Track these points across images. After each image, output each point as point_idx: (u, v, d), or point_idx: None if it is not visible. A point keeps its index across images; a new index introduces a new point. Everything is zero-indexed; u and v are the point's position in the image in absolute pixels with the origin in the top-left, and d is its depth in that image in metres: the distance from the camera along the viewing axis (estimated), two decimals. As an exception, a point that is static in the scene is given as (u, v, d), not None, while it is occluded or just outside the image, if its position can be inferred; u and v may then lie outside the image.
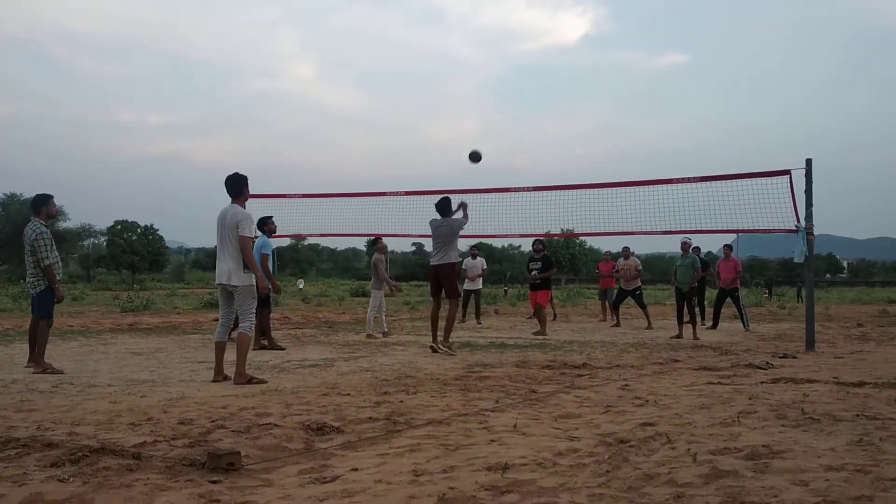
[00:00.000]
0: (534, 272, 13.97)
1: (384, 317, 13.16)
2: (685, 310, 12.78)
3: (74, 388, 6.49)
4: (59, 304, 8.15)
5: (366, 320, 12.88)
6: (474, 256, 17.04)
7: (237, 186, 7.17)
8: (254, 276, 7.03)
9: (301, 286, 34.46)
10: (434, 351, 9.55)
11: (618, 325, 15.77)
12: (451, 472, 3.65)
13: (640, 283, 15.97)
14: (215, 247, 7.22)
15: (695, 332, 12.63)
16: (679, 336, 12.60)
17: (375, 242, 13.45)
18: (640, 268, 15.92)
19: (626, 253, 15.98)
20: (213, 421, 4.89)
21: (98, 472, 3.61)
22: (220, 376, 7.00)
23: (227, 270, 6.97)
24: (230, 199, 7.16)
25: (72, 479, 3.50)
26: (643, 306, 15.70)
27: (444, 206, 10.08)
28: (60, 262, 8.07)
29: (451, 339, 9.87)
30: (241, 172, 7.24)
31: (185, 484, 3.47)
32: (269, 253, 10.22)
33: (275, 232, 10.85)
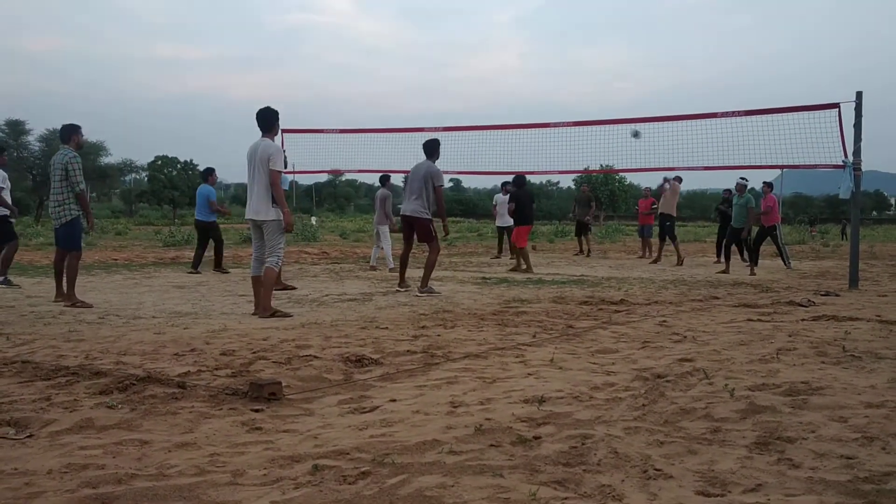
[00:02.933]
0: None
1: (377, 252, 13.65)
2: (737, 247, 13.02)
3: (120, 319, 6.65)
4: (91, 231, 8.05)
5: (386, 256, 13.13)
6: (506, 192, 16.91)
7: (269, 120, 7.17)
8: (280, 210, 7.07)
9: (314, 222, 34.35)
10: (399, 291, 9.32)
11: (658, 261, 15.67)
12: (488, 404, 3.69)
13: (673, 213, 15.84)
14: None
15: (752, 269, 12.82)
16: (725, 271, 12.88)
17: (386, 179, 13.74)
18: (678, 190, 15.93)
19: (676, 179, 15.99)
20: (254, 352, 4.99)
21: (145, 400, 3.72)
22: (259, 309, 7.11)
23: (257, 205, 7.02)
24: (261, 134, 7.19)
25: (120, 405, 3.62)
26: (672, 238, 15.51)
27: (430, 148, 9.47)
28: (92, 193, 7.95)
29: (430, 281, 9.44)
30: (272, 107, 7.22)
31: (228, 412, 3.56)
32: (285, 188, 10.34)
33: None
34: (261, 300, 6.99)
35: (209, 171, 12.90)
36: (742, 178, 13.36)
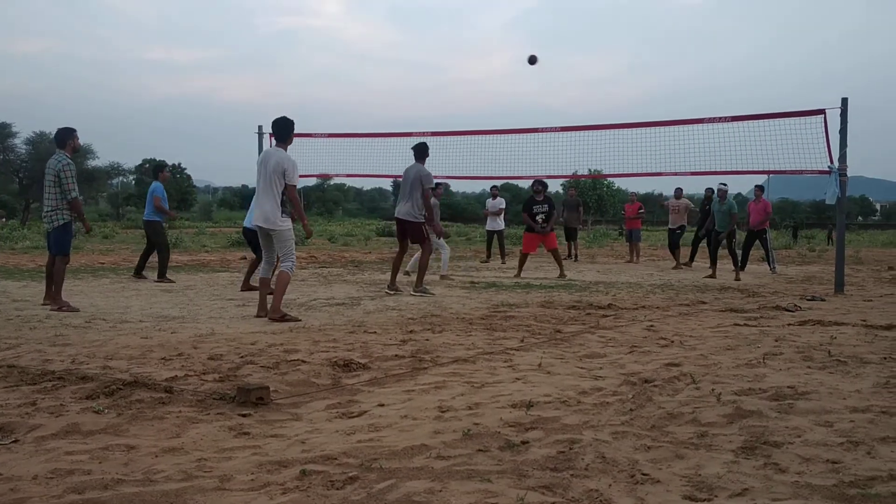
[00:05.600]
0: (539, 216, 12.57)
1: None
2: (720, 252, 13.11)
3: (107, 323, 6.61)
4: (88, 233, 7.99)
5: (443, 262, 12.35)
6: (494, 196, 17.03)
7: (285, 130, 7.23)
8: (289, 218, 7.13)
9: None
10: (388, 293, 9.37)
11: (679, 265, 15.70)
12: (476, 409, 3.69)
13: (684, 223, 16.14)
14: (248, 186, 7.29)
15: (737, 274, 12.82)
16: (712, 276, 12.92)
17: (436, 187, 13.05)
18: (692, 206, 16.22)
19: (678, 193, 16.25)
20: (242, 357, 4.97)
21: (132, 405, 3.71)
22: (262, 311, 7.13)
23: (266, 214, 7.05)
24: (274, 142, 7.27)
25: (106, 410, 3.60)
26: (677, 246, 15.88)
27: (420, 152, 9.73)
28: (80, 197, 7.85)
29: (424, 282, 9.69)
30: (288, 117, 7.26)
31: (215, 417, 3.55)
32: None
33: None
34: (273, 302, 7.01)
35: (160, 167, 12.13)
36: (722, 184, 13.51)
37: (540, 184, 12.89)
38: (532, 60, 11.59)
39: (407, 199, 9.52)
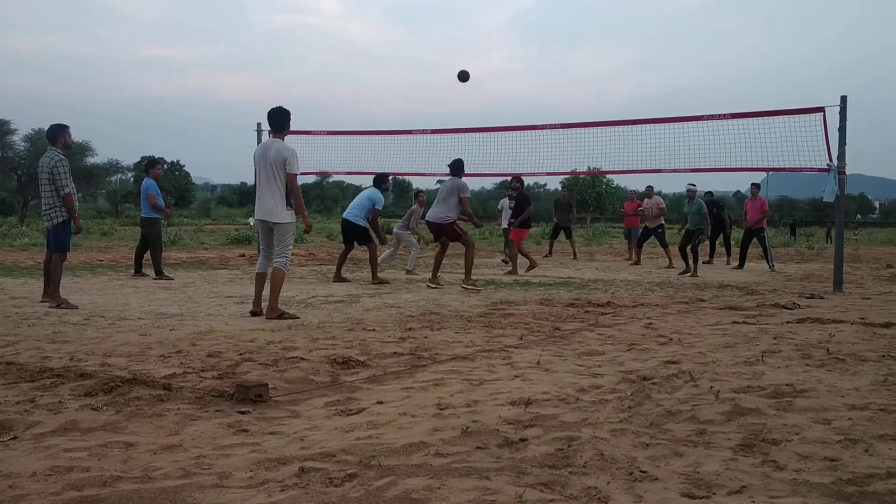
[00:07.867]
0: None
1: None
2: (687, 248, 13.31)
3: (105, 320, 6.61)
4: (77, 235, 7.95)
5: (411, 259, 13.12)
6: (511, 199, 17.05)
7: (282, 120, 7.12)
8: (294, 213, 7.05)
9: (251, 222, 33.34)
10: (430, 287, 10.05)
11: (638, 263, 15.84)
12: (475, 407, 3.70)
13: (662, 222, 15.89)
14: (247, 183, 7.25)
15: (694, 270, 13.00)
16: (687, 271, 13.20)
17: (417, 195, 14.29)
18: (663, 206, 15.80)
19: (648, 192, 16.00)
20: (240, 354, 4.97)
21: (130, 402, 3.71)
22: (258, 307, 7.08)
23: (272, 207, 6.96)
24: (271, 133, 7.23)
25: (105, 408, 3.60)
26: (664, 245, 15.69)
27: (456, 167, 10.41)
28: (77, 194, 7.79)
29: (473, 277, 10.41)
30: (284, 107, 7.16)
31: (214, 414, 3.55)
32: (380, 207, 11.38)
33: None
34: (269, 301, 6.92)
35: (152, 164, 12.29)
36: (691, 185, 13.68)
37: (515, 180, 13.45)
38: (463, 76, 11.28)
39: (439, 204, 10.25)
